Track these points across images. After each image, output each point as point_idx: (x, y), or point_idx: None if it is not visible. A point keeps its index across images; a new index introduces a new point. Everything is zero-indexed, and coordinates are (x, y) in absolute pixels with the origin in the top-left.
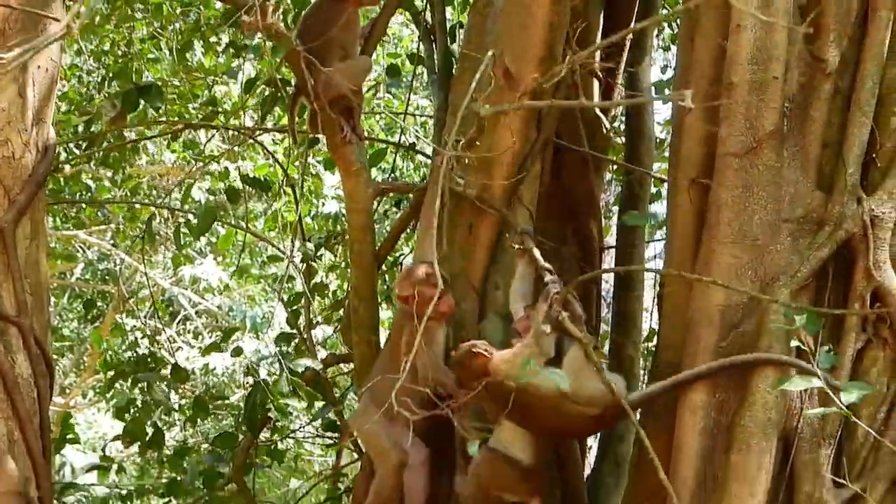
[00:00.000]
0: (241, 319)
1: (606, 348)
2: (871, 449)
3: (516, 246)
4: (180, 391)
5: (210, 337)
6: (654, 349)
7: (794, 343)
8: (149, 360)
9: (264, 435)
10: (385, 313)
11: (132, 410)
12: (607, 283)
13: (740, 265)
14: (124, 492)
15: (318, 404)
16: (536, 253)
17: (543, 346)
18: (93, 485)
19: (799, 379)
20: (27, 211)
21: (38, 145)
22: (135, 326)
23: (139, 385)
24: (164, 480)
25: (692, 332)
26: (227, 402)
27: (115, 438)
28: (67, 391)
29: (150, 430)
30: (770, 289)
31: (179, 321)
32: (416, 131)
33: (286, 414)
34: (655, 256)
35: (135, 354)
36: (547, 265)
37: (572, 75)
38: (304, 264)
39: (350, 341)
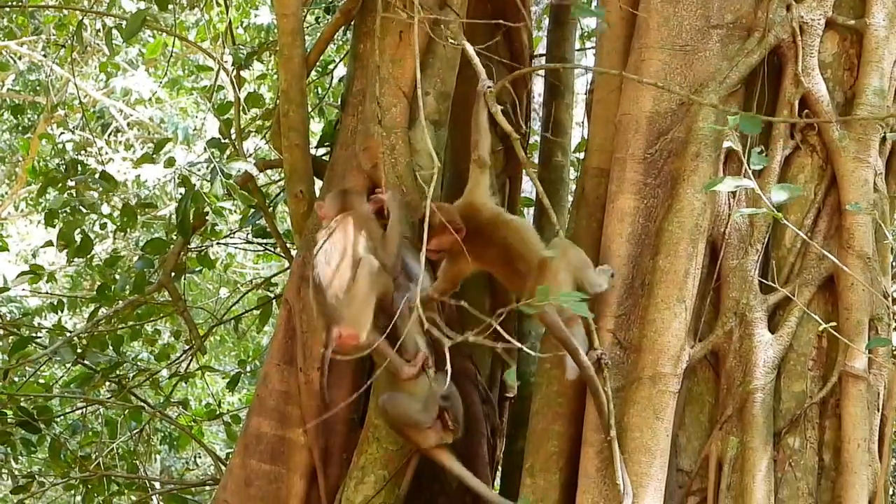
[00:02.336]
0: (173, 131)
1: (536, 156)
2: (798, 254)
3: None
4: (111, 203)
5: (142, 149)
6: (583, 156)
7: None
8: (78, 167)
9: (195, 243)
10: (316, 125)
11: (62, 215)
12: (538, 95)
13: (669, 71)
14: (55, 301)
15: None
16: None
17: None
18: (24, 295)
19: (730, 180)
20: None
21: None
22: (65, 139)
23: (69, 190)
24: (94, 292)
25: (621, 139)
26: (158, 214)
27: (46, 245)
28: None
29: (79, 239)
30: (699, 95)
31: (110, 133)
32: None
33: (222, 215)
34: (585, 70)
35: (64, 161)
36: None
37: None
38: (235, 70)
39: (280, 147)
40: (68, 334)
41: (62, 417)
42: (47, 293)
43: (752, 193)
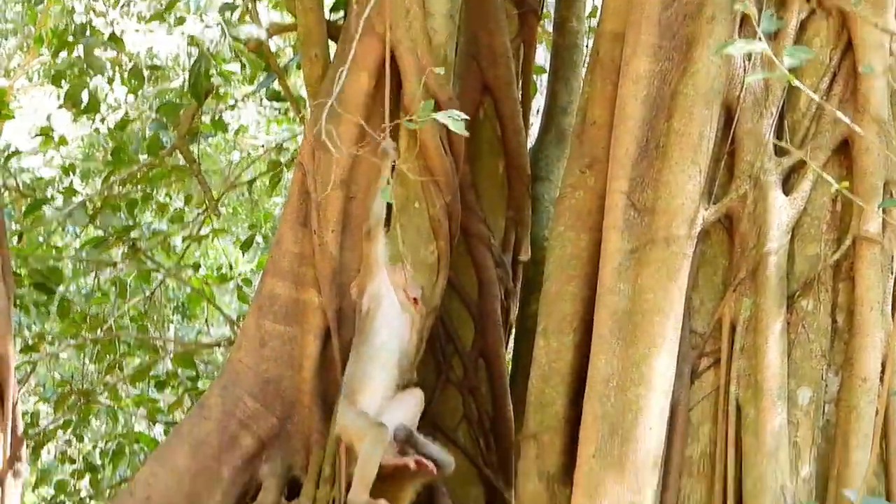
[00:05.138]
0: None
1: (550, 25)
2: (812, 118)
3: None
4: (123, 69)
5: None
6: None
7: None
8: (88, 30)
9: (209, 108)
10: None
11: (69, 76)
12: None
13: None
14: (67, 164)
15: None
16: None
17: None
18: (38, 167)
19: (742, 43)
20: None
21: None
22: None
23: (78, 54)
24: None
25: (636, 1)
26: (171, 87)
27: (58, 108)
28: (12, 73)
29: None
30: None
31: (123, 3)
32: None
33: (229, 79)
34: None
35: (73, 22)
36: None
37: None
38: None
39: (294, 10)
40: (81, 197)
41: (75, 280)
42: (62, 157)
43: (767, 57)
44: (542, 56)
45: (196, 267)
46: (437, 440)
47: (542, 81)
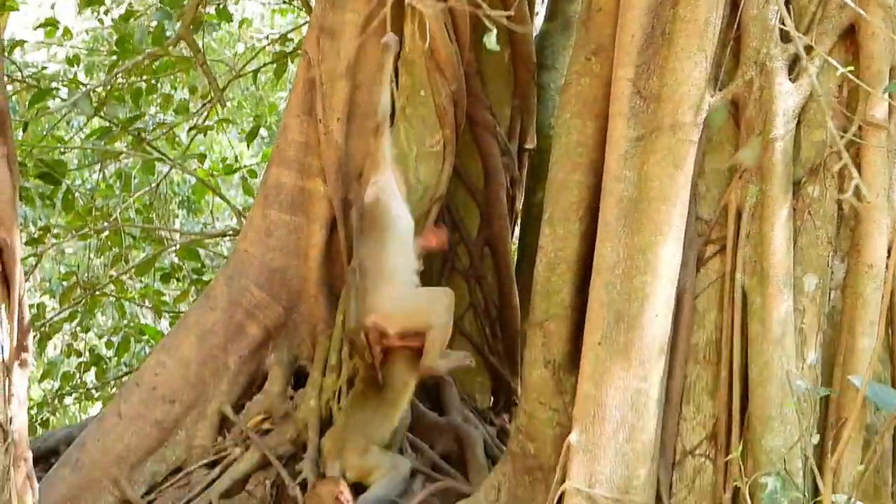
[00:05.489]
0: None
1: None
2: (819, 3)
3: None
4: None
5: None
6: None
7: None
8: None
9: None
10: None
11: None
12: None
13: None
14: (71, 54)
15: None
16: None
17: None
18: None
19: None
20: None
21: None
22: None
23: None
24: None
25: None
26: None
27: None
28: None
29: None
30: None
31: None
32: None
33: None
34: None
35: None
36: None
37: None
38: None
39: None
40: (87, 87)
41: (79, 173)
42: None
43: None
44: None
45: (201, 158)
46: None
47: None
